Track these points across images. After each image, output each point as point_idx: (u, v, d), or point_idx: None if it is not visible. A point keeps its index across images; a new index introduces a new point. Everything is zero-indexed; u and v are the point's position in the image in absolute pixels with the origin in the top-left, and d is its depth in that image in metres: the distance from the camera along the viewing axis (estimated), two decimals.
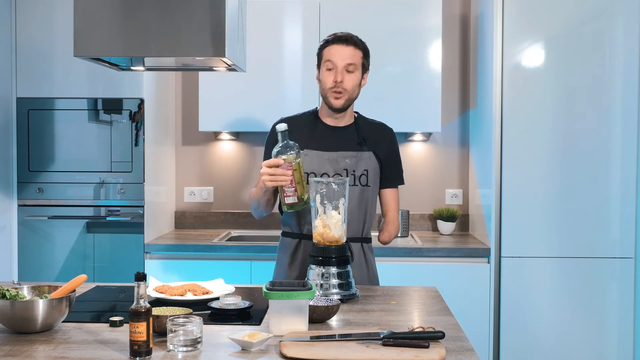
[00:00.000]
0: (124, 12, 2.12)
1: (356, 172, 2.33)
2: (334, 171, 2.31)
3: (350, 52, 2.28)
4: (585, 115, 3.30)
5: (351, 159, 2.33)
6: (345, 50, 2.27)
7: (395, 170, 2.44)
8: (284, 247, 2.41)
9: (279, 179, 2.10)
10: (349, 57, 2.27)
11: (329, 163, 2.32)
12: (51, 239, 3.46)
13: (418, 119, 3.59)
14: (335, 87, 2.27)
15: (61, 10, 3.39)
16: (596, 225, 3.29)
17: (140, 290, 1.52)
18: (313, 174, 2.30)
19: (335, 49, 2.28)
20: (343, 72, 2.27)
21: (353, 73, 2.29)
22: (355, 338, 1.61)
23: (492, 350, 3.34)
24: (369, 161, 2.35)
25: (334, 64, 2.27)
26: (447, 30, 3.89)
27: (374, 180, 2.36)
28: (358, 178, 2.33)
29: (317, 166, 2.32)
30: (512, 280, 3.31)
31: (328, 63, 2.29)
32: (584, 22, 3.29)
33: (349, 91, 2.29)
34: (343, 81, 2.27)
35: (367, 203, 2.35)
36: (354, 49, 2.28)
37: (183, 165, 4.05)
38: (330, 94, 2.29)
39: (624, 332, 3.28)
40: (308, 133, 2.36)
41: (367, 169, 2.34)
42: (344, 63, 2.27)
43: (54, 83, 3.44)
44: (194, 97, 3.93)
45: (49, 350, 1.56)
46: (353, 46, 2.28)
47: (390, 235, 2.45)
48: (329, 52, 2.29)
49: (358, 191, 2.33)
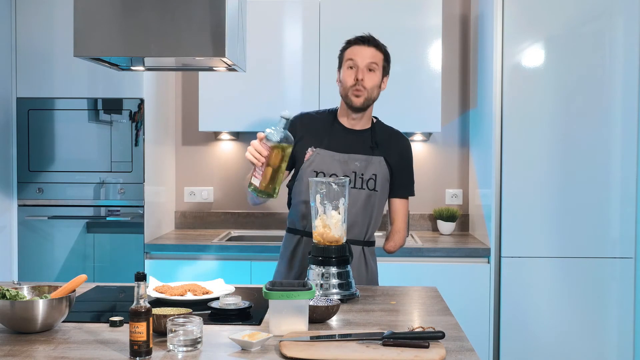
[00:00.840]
0: (124, 12, 2.12)
1: (364, 175, 2.33)
2: (343, 172, 2.32)
3: (372, 52, 2.30)
4: (585, 115, 3.30)
5: (361, 162, 2.34)
6: (367, 50, 2.30)
7: (406, 181, 2.45)
8: (287, 242, 2.44)
9: (254, 153, 2.00)
10: (370, 56, 2.30)
11: (339, 164, 2.33)
12: (51, 239, 3.46)
13: (418, 119, 3.59)
14: (356, 85, 2.29)
15: (61, 10, 3.39)
16: (596, 225, 3.29)
17: (140, 290, 1.52)
18: (322, 174, 2.31)
19: (358, 49, 2.31)
20: (364, 70, 2.29)
21: (374, 72, 2.31)
22: (355, 338, 1.61)
23: (492, 350, 3.34)
24: (379, 166, 2.35)
25: (355, 62, 2.30)
26: (447, 30, 3.89)
27: (382, 186, 2.37)
28: (366, 182, 2.33)
29: (327, 166, 2.32)
30: (512, 280, 3.31)
31: (349, 62, 2.31)
32: (584, 22, 3.29)
33: (369, 90, 2.31)
34: (364, 79, 2.29)
35: (373, 208, 2.36)
36: (375, 50, 2.31)
37: (183, 165, 4.05)
38: (351, 92, 2.31)
39: (624, 332, 3.28)
40: (323, 132, 2.37)
41: (376, 173, 2.35)
42: (365, 62, 2.29)
43: (54, 83, 3.44)
44: (194, 97, 3.93)
45: (49, 350, 1.56)
46: (375, 47, 2.32)
47: (396, 245, 2.45)
48: (352, 52, 2.32)
49: (365, 195, 2.33)
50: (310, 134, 2.37)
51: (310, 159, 2.34)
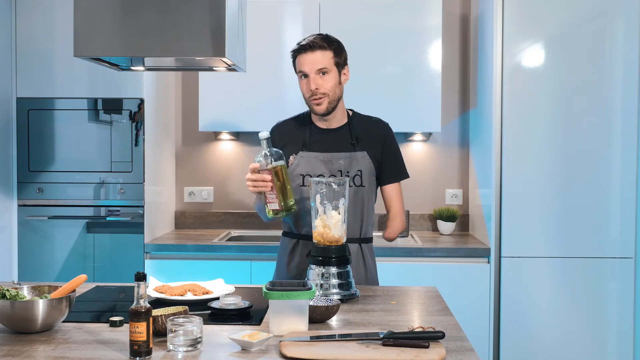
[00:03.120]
0: (124, 12, 2.12)
1: (350, 172, 2.33)
2: (329, 172, 2.32)
3: (319, 57, 2.26)
4: (585, 115, 3.30)
5: (344, 159, 2.33)
6: (313, 56, 2.26)
7: (394, 165, 2.42)
8: (283, 246, 2.43)
9: (258, 184, 2.12)
10: (318, 62, 2.26)
11: (324, 164, 2.33)
12: (51, 239, 3.46)
13: (418, 119, 3.59)
14: (313, 95, 2.28)
15: (61, 10, 3.39)
16: (596, 225, 3.29)
17: (140, 290, 1.52)
18: (309, 176, 2.30)
19: (304, 58, 2.28)
20: (316, 78, 2.26)
21: (328, 74, 2.27)
22: (355, 338, 1.61)
23: (492, 350, 3.34)
24: (363, 161, 2.35)
25: (305, 72, 2.28)
26: (447, 30, 3.89)
27: (368, 181, 2.36)
28: (352, 179, 2.33)
29: (311, 168, 2.32)
30: (512, 280, 3.31)
31: (300, 73, 2.30)
32: (584, 22, 3.29)
33: (329, 94, 2.28)
34: (319, 87, 2.26)
35: (362, 203, 2.35)
36: (321, 52, 2.26)
37: (183, 165, 4.05)
38: (310, 101, 2.31)
39: (624, 332, 3.28)
40: (301, 136, 2.38)
41: (361, 169, 2.34)
42: (315, 68, 2.26)
43: (54, 83, 3.44)
44: (194, 97, 3.93)
45: (49, 350, 1.56)
46: (320, 50, 2.26)
47: (395, 231, 2.43)
48: (299, 62, 2.30)
49: (352, 192, 2.32)
50: (290, 141, 2.37)
51: (295, 163, 2.34)
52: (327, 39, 2.30)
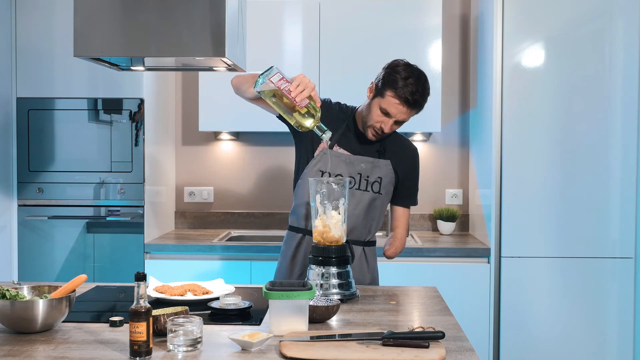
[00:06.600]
0: (124, 12, 2.11)
1: (370, 178, 2.34)
2: (348, 174, 2.33)
3: (409, 114, 2.28)
4: (585, 115, 3.30)
5: (367, 164, 2.35)
6: (407, 111, 2.27)
7: (412, 190, 2.48)
8: (288, 240, 2.44)
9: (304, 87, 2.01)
10: (406, 114, 2.28)
11: (345, 165, 2.34)
12: (51, 239, 3.46)
13: (418, 119, 3.51)
14: (377, 130, 2.30)
15: (61, 10, 3.39)
16: (596, 225, 3.29)
17: (140, 290, 1.52)
18: (327, 174, 2.31)
19: (398, 107, 2.24)
20: (392, 124, 2.29)
21: (400, 123, 2.30)
22: (355, 338, 1.61)
23: (492, 350, 3.34)
24: (385, 169, 2.37)
25: (390, 114, 2.26)
26: (447, 30, 3.89)
27: (386, 189, 2.38)
28: (371, 184, 2.34)
29: (333, 166, 2.34)
30: (512, 280, 3.31)
31: (385, 110, 2.26)
32: (584, 22, 3.29)
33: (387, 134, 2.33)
34: (387, 131, 2.30)
35: (376, 210, 2.37)
36: (415, 111, 2.29)
37: (183, 165, 4.05)
38: (370, 130, 2.32)
39: (624, 332, 3.28)
40: (339, 126, 2.38)
41: (382, 176, 2.36)
42: (399, 118, 2.28)
43: (54, 83, 3.44)
44: (194, 97, 3.93)
45: (49, 350, 1.56)
46: (416, 110, 2.28)
47: (396, 251, 2.48)
48: (393, 105, 2.24)
49: (369, 197, 2.34)
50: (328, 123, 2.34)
51: (317, 159, 2.34)
52: (426, 98, 2.28)
